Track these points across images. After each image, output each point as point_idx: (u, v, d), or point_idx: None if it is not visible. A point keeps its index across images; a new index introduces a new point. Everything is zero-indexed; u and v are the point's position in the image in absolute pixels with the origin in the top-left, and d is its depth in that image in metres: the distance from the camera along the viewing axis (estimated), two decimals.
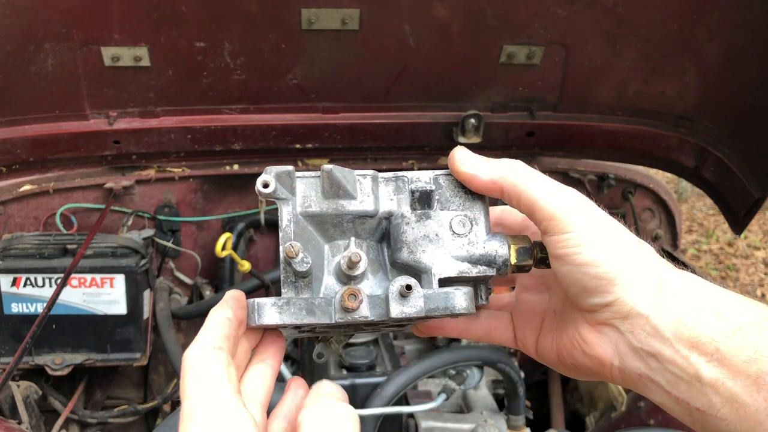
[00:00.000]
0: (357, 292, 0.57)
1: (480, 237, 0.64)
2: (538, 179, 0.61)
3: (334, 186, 0.62)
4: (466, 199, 0.64)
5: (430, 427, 1.72)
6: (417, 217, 0.63)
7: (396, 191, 0.64)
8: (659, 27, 1.67)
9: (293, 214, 0.62)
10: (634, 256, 0.59)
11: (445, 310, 0.59)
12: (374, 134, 2.02)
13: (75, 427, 2.01)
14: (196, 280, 2.18)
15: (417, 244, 0.63)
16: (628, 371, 0.58)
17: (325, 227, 0.64)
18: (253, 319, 0.58)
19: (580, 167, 2.25)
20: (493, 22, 1.67)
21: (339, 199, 0.62)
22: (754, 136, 1.83)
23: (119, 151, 1.94)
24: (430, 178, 0.64)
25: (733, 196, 1.95)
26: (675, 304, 0.56)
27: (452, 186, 0.64)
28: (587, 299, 0.59)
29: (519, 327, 0.71)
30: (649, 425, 1.77)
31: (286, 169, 0.61)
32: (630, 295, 0.57)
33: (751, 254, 5.67)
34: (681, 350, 0.54)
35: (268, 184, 0.60)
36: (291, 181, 0.62)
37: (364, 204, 0.63)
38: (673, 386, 0.55)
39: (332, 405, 0.53)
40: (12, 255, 1.86)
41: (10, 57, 1.59)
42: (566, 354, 0.64)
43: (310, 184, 0.63)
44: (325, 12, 1.60)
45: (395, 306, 0.58)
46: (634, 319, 0.57)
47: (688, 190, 6.70)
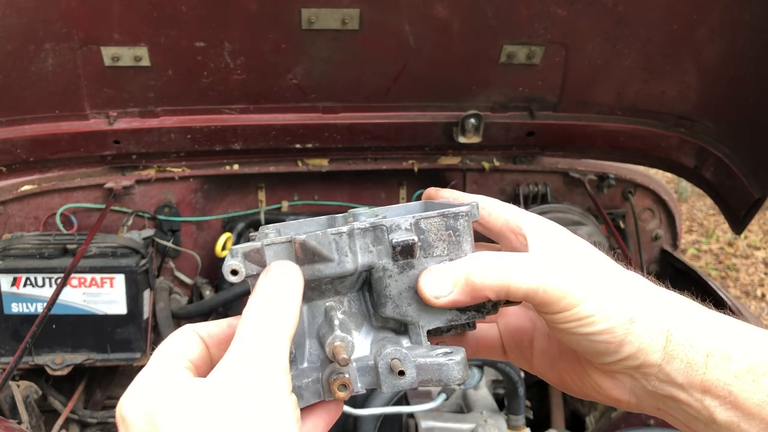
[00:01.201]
0: (348, 383, 0.54)
1: None
2: (517, 263, 0.57)
3: (307, 254, 0.58)
4: (450, 242, 0.60)
5: (430, 427, 1.72)
6: (399, 269, 0.60)
7: (375, 242, 0.60)
8: (659, 27, 1.67)
9: None
10: (639, 307, 0.57)
11: (439, 382, 0.56)
12: (374, 134, 2.02)
13: (75, 427, 2.01)
14: (196, 280, 2.18)
15: (401, 297, 0.60)
16: (645, 407, 0.60)
17: (302, 290, 0.61)
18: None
19: (580, 167, 2.26)
20: (493, 22, 1.67)
21: (315, 264, 0.58)
22: (754, 136, 1.82)
23: (119, 151, 1.94)
24: (410, 224, 0.59)
25: (733, 196, 1.95)
26: (685, 350, 0.56)
27: (435, 229, 0.60)
28: (597, 360, 0.59)
29: (507, 341, 0.69)
30: (649, 425, 1.77)
31: (253, 246, 0.57)
32: (640, 350, 0.57)
33: (751, 254, 5.67)
34: (694, 394, 0.55)
35: (238, 272, 0.55)
36: (260, 256, 0.57)
37: (342, 265, 0.58)
38: (691, 423, 0.57)
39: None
40: (12, 255, 1.86)
41: (10, 57, 1.59)
42: (575, 386, 0.63)
43: (281, 251, 0.58)
44: (325, 12, 1.60)
45: (387, 381, 0.56)
46: (647, 369, 0.57)
47: (688, 190, 6.70)
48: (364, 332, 0.62)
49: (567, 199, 2.26)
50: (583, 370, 0.62)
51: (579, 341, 0.57)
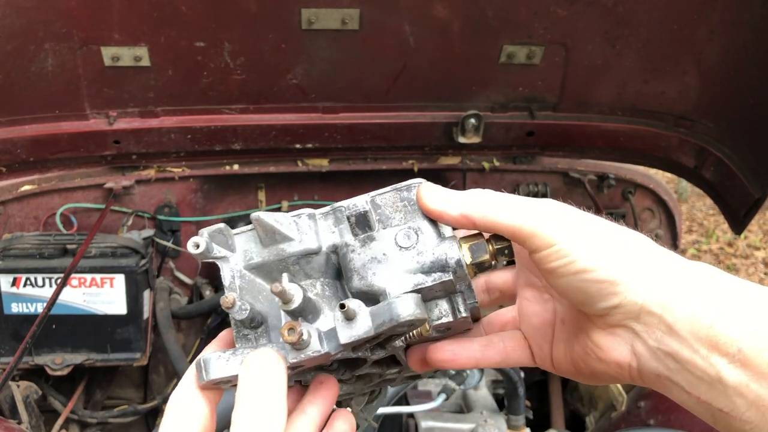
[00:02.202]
0: (295, 326, 0.55)
1: (429, 245, 0.61)
2: (507, 202, 0.59)
3: (268, 233, 0.61)
4: (406, 212, 0.62)
5: (430, 427, 1.72)
6: (361, 242, 0.61)
7: (336, 222, 0.63)
8: (659, 27, 1.67)
9: (236, 270, 0.61)
10: (632, 251, 0.56)
11: (392, 321, 0.56)
12: (374, 134, 2.02)
13: (75, 427, 2.02)
14: (196, 280, 2.18)
15: (366, 268, 0.61)
16: (646, 372, 0.56)
17: (272, 275, 0.62)
18: (201, 378, 0.57)
19: (580, 167, 2.26)
20: (493, 22, 1.67)
21: (278, 244, 0.61)
22: (754, 136, 1.83)
23: (119, 151, 1.94)
24: (366, 202, 0.62)
25: (733, 196, 1.95)
26: (689, 299, 0.53)
27: (390, 203, 0.62)
28: (592, 305, 0.56)
29: (534, 343, 0.68)
30: (649, 425, 1.77)
31: (218, 227, 0.60)
32: (637, 293, 0.54)
33: (751, 254, 5.67)
34: (700, 350, 0.51)
35: (199, 245, 0.58)
36: (227, 238, 0.61)
37: (304, 242, 0.61)
38: (694, 387, 0.53)
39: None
40: (12, 255, 1.86)
41: (10, 57, 1.59)
42: (582, 363, 0.61)
43: (248, 238, 0.62)
44: (325, 12, 1.60)
45: (343, 331, 0.56)
46: (647, 318, 0.54)
47: (688, 190, 6.70)
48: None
49: (567, 199, 2.25)
50: (586, 335, 0.60)
51: (570, 284, 0.56)
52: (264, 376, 0.54)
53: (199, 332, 2.20)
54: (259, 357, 0.55)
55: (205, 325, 2.17)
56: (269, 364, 0.55)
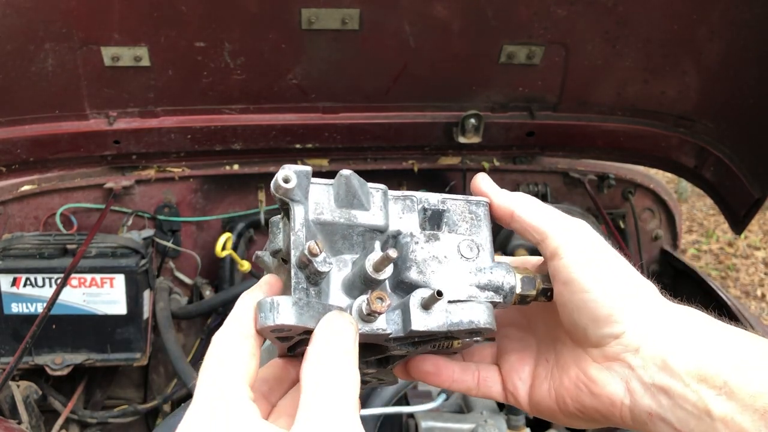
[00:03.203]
0: (384, 296, 0.55)
1: (486, 263, 0.63)
2: (549, 209, 0.63)
3: (349, 194, 0.60)
4: (473, 225, 0.64)
5: (430, 427, 1.72)
6: (426, 238, 0.62)
7: (405, 210, 0.63)
8: (659, 27, 1.67)
9: (305, 218, 0.59)
10: (641, 291, 0.59)
11: (470, 324, 0.57)
12: (374, 134, 2.02)
13: (75, 427, 2.02)
14: (196, 280, 2.18)
15: (426, 264, 0.61)
16: (638, 411, 0.57)
17: (334, 239, 0.61)
18: (269, 318, 0.51)
19: (580, 167, 2.26)
20: (493, 22, 1.67)
21: (352, 209, 0.60)
22: (754, 136, 1.83)
23: (119, 151, 1.94)
24: (438, 201, 0.64)
25: (733, 196, 1.95)
26: (683, 337, 0.56)
27: (459, 211, 0.64)
28: (597, 330, 0.59)
29: (508, 379, 0.69)
30: None
31: (304, 170, 0.58)
32: (640, 327, 0.57)
33: (751, 254, 5.67)
34: (691, 384, 0.54)
35: (289, 179, 0.56)
36: (306, 184, 0.59)
37: (376, 218, 0.61)
38: (684, 424, 0.54)
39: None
40: (12, 255, 1.86)
41: (10, 57, 1.59)
42: (570, 400, 0.62)
43: (322, 191, 0.60)
44: (325, 12, 1.60)
45: (417, 318, 0.56)
46: (645, 353, 0.57)
47: (688, 190, 6.70)
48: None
49: (567, 200, 2.26)
50: (579, 369, 0.61)
51: (585, 300, 0.58)
52: (343, 340, 0.52)
53: (199, 332, 2.20)
54: (339, 319, 0.53)
55: (205, 325, 2.17)
56: (348, 329, 0.53)
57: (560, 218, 0.63)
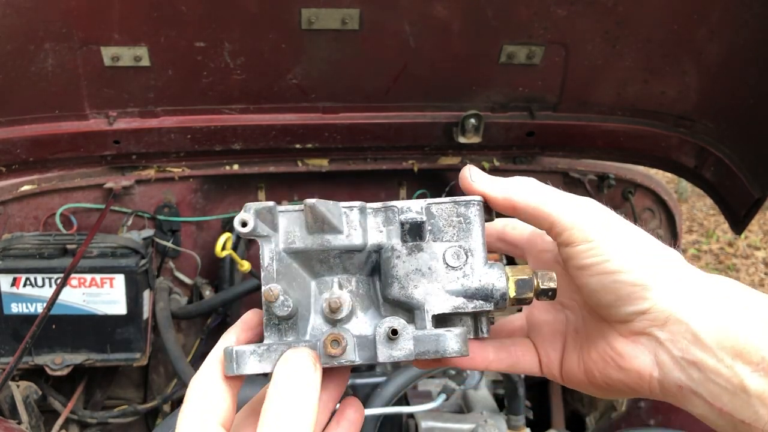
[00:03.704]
0: (340, 338, 0.54)
1: (476, 269, 0.60)
2: (551, 192, 0.60)
3: (318, 221, 0.59)
4: (461, 229, 0.60)
5: (430, 427, 1.72)
6: (408, 250, 0.60)
7: (385, 222, 0.60)
8: (659, 27, 1.67)
9: (275, 251, 0.59)
10: (665, 261, 0.57)
11: (436, 353, 0.56)
12: (374, 134, 2.02)
13: (75, 427, 2.02)
14: (196, 280, 2.18)
15: (408, 278, 0.59)
16: (667, 383, 0.55)
17: (311, 263, 0.61)
18: (231, 369, 0.55)
19: (580, 167, 2.25)
20: (493, 22, 1.67)
21: (324, 234, 0.59)
22: (754, 136, 1.83)
23: (119, 151, 1.94)
24: (421, 208, 0.60)
25: (733, 196, 1.95)
26: (715, 309, 0.53)
27: (445, 215, 0.60)
28: (621, 309, 0.56)
29: (542, 352, 0.67)
30: (649, 425, 1.77)
31: (266, 205, 0.58)
32: (667, 300, 0.55)
33: (751, 254, 5.67)
34: (725, 359, 0.52)
35: (247, 223, 0.56)
36: (272, 217, 0.59)
37: (351, 238, 0.59)
38: (717, 398, 0.52)
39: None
40: (12, 255, 1.86)
41: (10, 57, 1.59)
42: (598, 372, 0.60)
43: (293, 219, 0.60)
44: (325, 12, 1.60)
45: (383, 349, 0.56)
46: (674, 326, 0.54)
47: (688, 190, 6.70)
48: (370, 316, 0.62)
49: None
50: (606, 343, 0.59)
51: (603, 283, 0.56)
52: (299, 381, 0.53)
53: (199, 332, 2.20)
54: (295, 360, 0.54)
55: (205, 325, 2.17)
56: (305, 368, 0.53)
57: (565, 200, 0.59)
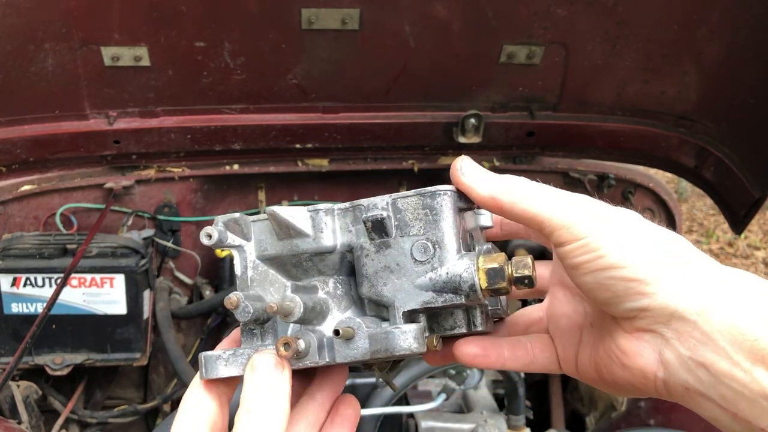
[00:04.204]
0: (290, 341, 0.55)
1: (445, 261, 0.57)
2: (539, 191, 0.57)
3: (283, 228, 0.60)
4: (427, 221, 0.58)
5: (430, 427, 1.72)
6: (376, 248, 0.59)
7: (354, 221, 0.60)
8: (659, 27, 1.67)
9: (250, 260, 0.61)
10: (668, 253, 0.52)
11: (387, 351, 0.55)
12: (374, 134, 2.02)
13: (75, 427, 2.02)
14: (196, 280, 2.18)
15: (378, 276, 0.59)
16: (673, 384, 0.51)
17: (286, 268, 0.62)
18: (201, 373, 0.58)
19: (580, 167, 2.25)
20: (493, 22, 1.67)
21: (293, 239, 0.60)
22: (754, 136, 1.83)
23: (119, 151, 1.94)
24: (387, 204, 0.59)
25: (733, 196, 1.95)
26: (729, 306, 0.48)
27: (412, 209, 0.58)
28: (620, 306, 0.52)
29: (560, 347, 0.64)
30: (649, 425, 1.77)
31: (233, 216, 0.60)
32: (669, 296, 0.50)
33: (751, 254, 5.67)
34: (742, 363, 0.46)
35: (211, 235, 0.58)
36: (242, 227, 0.61)
37: (318, 240, 0.60)
38: (730, 402, 0.48)
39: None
40: (12, 255, 1.86)
41: (10, 57, 1.59)
42: (605, 370, 0.57)
43: (263, 227, 0.61)
44: (325, 12, 1.60)
45: (340, 350, 0.57)
46: (679, 324, 0.50)
47: (688, 190, 6.70)
48: (350, 315, 0.62)
49: None
50: (611, 339, 0.56)
51: (597, 281, 0.53)
52: (266, 382, 0.54)
53: (199, 332, 2.20)
54: (261, 362, 0.55)
55: (205, 325, 2.17)
56: (271, 370, 0.55)
57: (554, 198, 0.56)
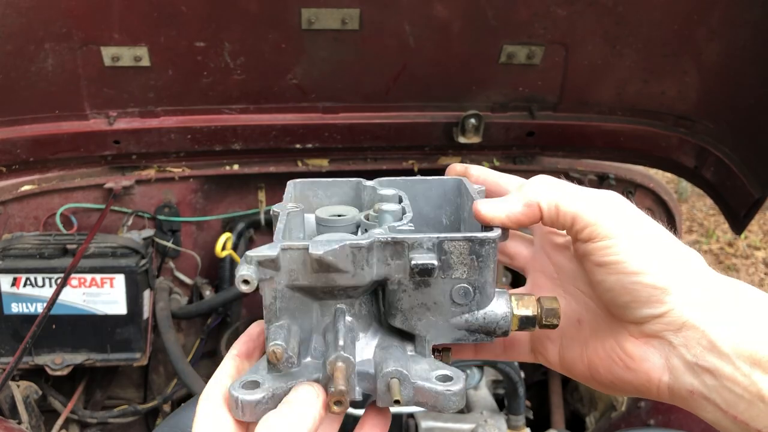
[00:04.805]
0: (343, 399, 0.54)
1: (482, 305, 0.59)
2: (571, 188, 0.58)
3: (323, 266, 0.56)
4: (472, 267, 0.58)
5: (430, 427, 1.72)
6: (415, 285, 0.58)
7: (393, 256, 0.57)
8: (659, 27, 1.67)
9: (278, 290, 0.57)
10: (685, 264, 0.55)
11: (434, 408, 0.56)
12: (374, 134, 2.02)
13: (75, 427, 2.02)
14: (196, 280, 2.18)
15: (413, 312, 0.59)
16: (678, 388, 0.54)
17: (315, 293, 0.59)
18: (237, 414, 0.56)
19: (580, 167, 2.25)
20: (493, 22, 1.67)
21: (329, 273, 0.57)
22: (754, 136, 1.83)
23: (119, 151, 1.94)
24: (433, 245, 0.57)
25: (733, 196, 1.95)
26: (733, 316, 0.52)
27: (458, 252, 0.57)
28: (636, 310, 0.55)
29: (537, 340, 0.66)
30: (649, 425, 1.77)
31: (268, 255, 0.55)
32: (685, 305, 0.53)
33: (751, 254, 5.67)
34: (742, 367, 0.50)
35: (249, 281, 0.54)
36: (271, 262, 0.56)
37: (357, 278, 0.57)
38: (731, 405, 0.51)
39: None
40: (12, 255, 1.86)
41: (10, 57, 1.59)
42: (603, 370, 0.59)
43: (296, 257, 0.56)
44: (325, 12, 1.60)
45: (383, 398, 0.56)
46: (689, 332, 0.53)
47: (688, 190, 6.70)
48: (371, 334, 0.62)
49: None
50: (615, 341, 0.58)
51: (622, 282, 0.55)
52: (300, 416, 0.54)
53: (199, 332, 2.20)
54: (306, 397, 0.55)
55: (205, 325, 2.17)
56: (313, 410, 0.54)
57: (586, 195, 0.58)
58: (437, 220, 0.72)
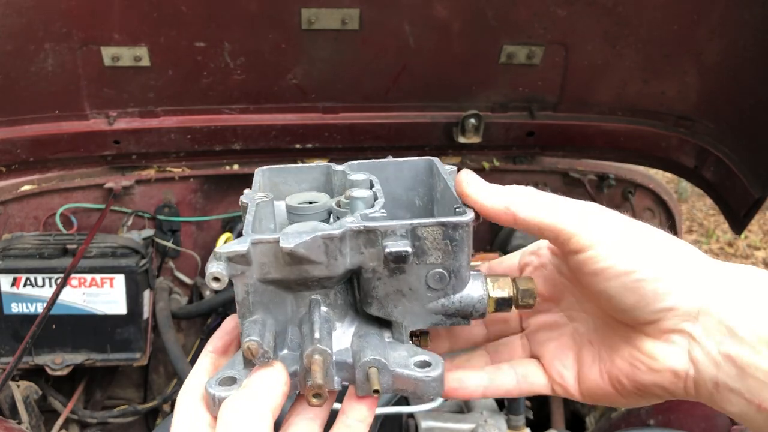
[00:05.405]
0: (323, 391, 0.54)
1: (458, 289, 0.59)
2: (550, 201, 0.58)
3: (295, 258, 0.55)
4: (446, 251, 0.57)
5: (430, 427, 1.72)
6: (389, 272, 0.58)
7: (367, 244, 0.57)
8: (659, 27, 1.67)
9: (250, 284, 0.57)
10: (685, 256, 0.54)
11: (414, 395, 0.56)
12: (374, 134, 2.02)
13: (75, 427, 2.02)
14: (196, 280, 2.18)
15: (389, 299, 0.59)
16: (703, 381, 0.53)
17: (288, 284, 0.59)
18: (214, 411, 0.56)
19: (580, 167, 2.25)
20: (493, 22, 1.67)
21: (302, 265, 0.56)
22: (754, 136, 1.82)
23: (119, 151, 1.94)
24: (406, 231, 0.56)
25: (733, 196, 1.95)
26: (748, 299, 0.51)
27: (431, 238, 0.57)
28: (646, 308, 0.54)
29: (552, 369, 0.64)
30: (649, 425, 1.77)
31: (238, 251, 0.54)
32: (694, 294, 0.52)
33: (751, 254, 5.67)
34: (763, 351, 0.49)
35: (219, 279, 0.54)
36: (246, 257, 0.56)
37: (331, 268, 0.57)
38: (755, 393, 0.49)
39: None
40: (12, 255, 1.86)
41: (10, 57, 1.59)
42: (626, 379, 0.58)
43: (267, 251, 0.55)
44: (325, 12, 1.60)
45: (362, 387, 0.56)
46: (706, 320, 0.52)
47: (688, 190, 6.70)
48: (348, 322, 0.62)
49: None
50: (632, 347, 0.57)
51: (622, 285, 0.54)
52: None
53: (199, 332, 2.20)
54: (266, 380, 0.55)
55: (205, 325, 2.17)
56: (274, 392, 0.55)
57: (566, 206, 0.57)
58: (410, 202, 0.72)
